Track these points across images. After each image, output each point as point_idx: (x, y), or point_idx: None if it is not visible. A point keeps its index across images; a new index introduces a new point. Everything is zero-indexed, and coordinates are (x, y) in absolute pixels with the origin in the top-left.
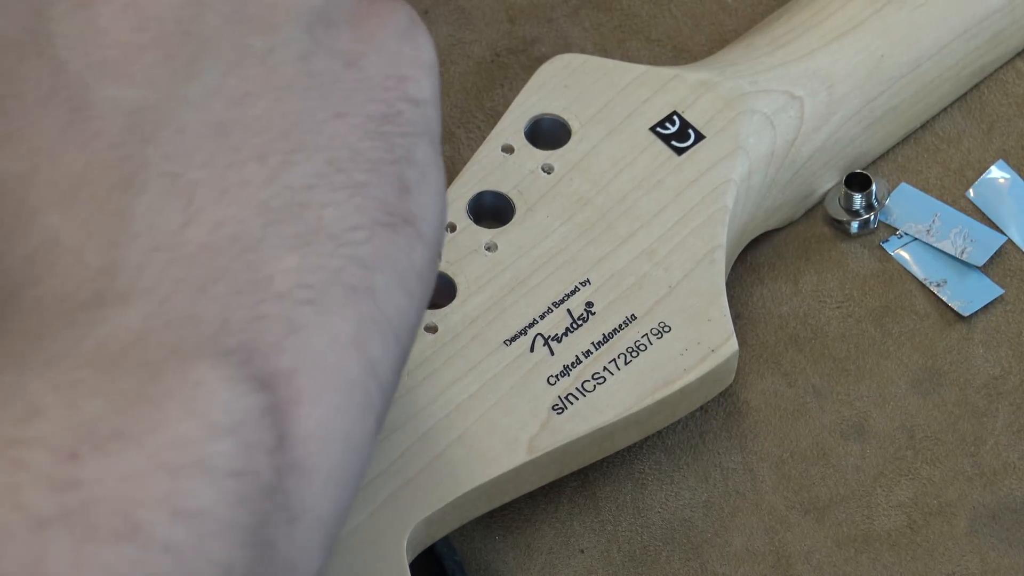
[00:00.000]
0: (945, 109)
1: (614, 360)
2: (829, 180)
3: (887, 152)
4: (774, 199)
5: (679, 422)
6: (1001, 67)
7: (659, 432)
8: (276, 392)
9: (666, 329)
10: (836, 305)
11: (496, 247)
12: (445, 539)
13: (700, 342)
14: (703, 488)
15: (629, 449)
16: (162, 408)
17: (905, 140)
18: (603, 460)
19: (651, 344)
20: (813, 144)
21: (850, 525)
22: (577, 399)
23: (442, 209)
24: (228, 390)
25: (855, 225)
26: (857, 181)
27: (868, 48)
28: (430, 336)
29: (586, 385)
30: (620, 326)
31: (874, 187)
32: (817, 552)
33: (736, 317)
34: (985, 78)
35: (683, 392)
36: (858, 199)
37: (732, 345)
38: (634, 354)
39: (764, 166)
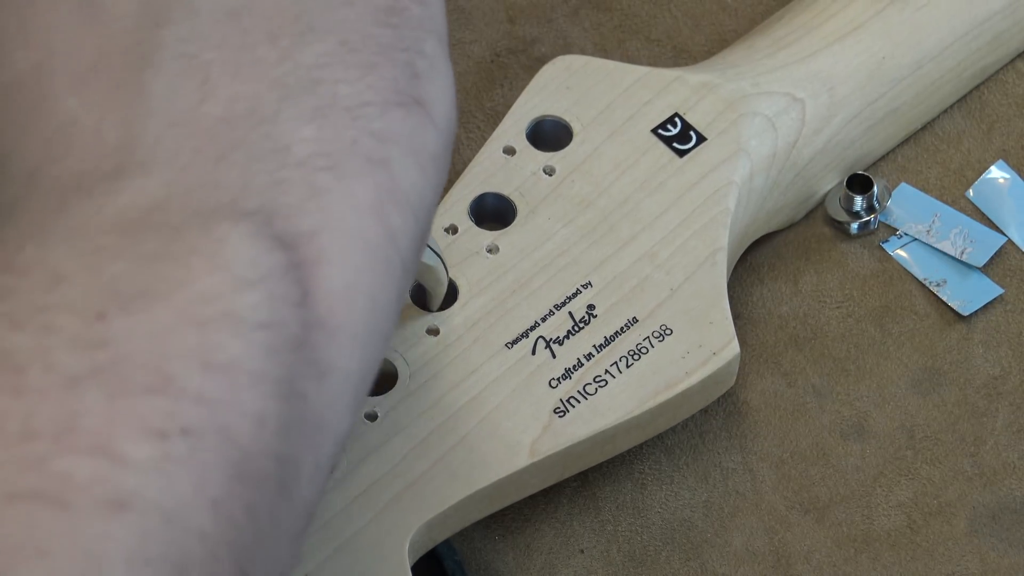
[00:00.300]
0: (945, 109)
1: (616, 363)
2: (830, 182)
3: (887, 152)
4: (775, 201)
5: (679, 422)
6: (1001, 67)
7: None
8: (298, 251)
9: (668, 332)
10: (836, 305)
11: (498, 249)
12: (445, 539)
13: (702, 345)
14: (703, 488)
15: (629, 449)
16: (187, 264)
17: (905, 140)
18: (603, 460)
19: (653, 347)
20: (814, 146)
21: (850, 525)
22: (579, 402)
23: (452, 104)
24: (251, 246)
25: (855, 226)
26: (858, 183)
27: (869, 50)
28: (432, 339)
29: (588, 388)
30: (622, 329)
31: (875, 189)
32: (817, 552)
33: (736, 317)
34: (986, 79)
35: (685, 395)
36: (859, 201)
37: (734, 348)
38: (636, 357)
39: (766, 168)
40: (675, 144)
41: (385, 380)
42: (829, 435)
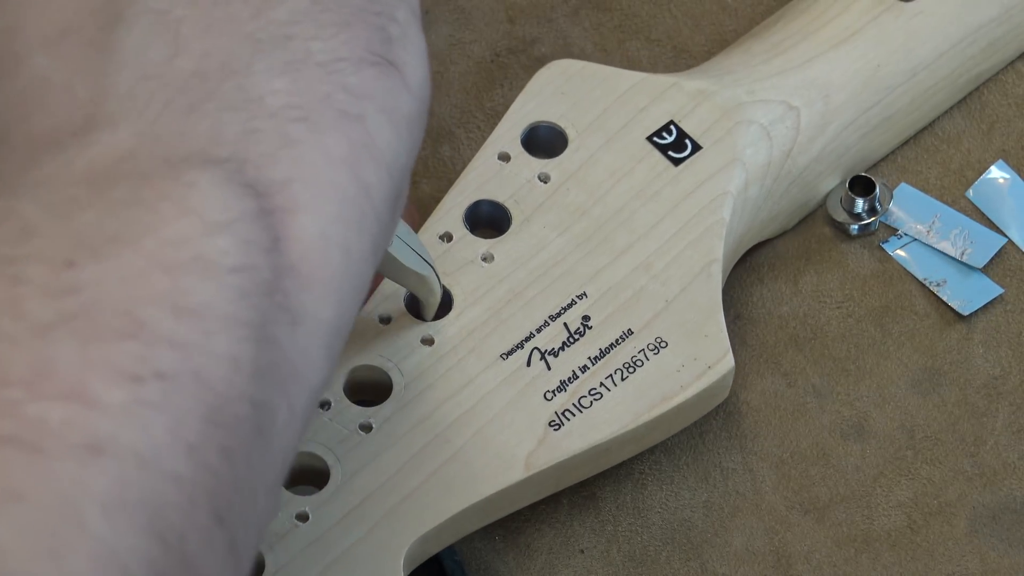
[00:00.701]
0: (942, 112)
1: (611, 376)
2: (825, 188)
3: (882, 158)
4: (770, 210)
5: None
6: (1001, 69)
7: None
8: (270, 199)
9: (663, 344)
10: (836, 305)
11: (492, 258)
12: None
13: (697, 358)
14: (703, 488)
15: None
16: (156, 210)
17: (905, 141)
18: None
19: (648, 359)
20: (809, 154)
21: (850, 525)
22: (574, 415)
23: (426, 72)
24: (222, 192)
25: (856, 227)
26: (860, 184)
27: (865, 57)
28: (427, 349)
29: (583, 401)
30: (617, 341)
31: (877, 191)
32: (817, 552)
33: (736, 317)
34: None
35: (680, 409)
36: (860, 203)
37: (728, 362)
38: (631, 370)
39: (761, 177)
40: (670, 152)
41: (380, 391)
42: (829, 435)
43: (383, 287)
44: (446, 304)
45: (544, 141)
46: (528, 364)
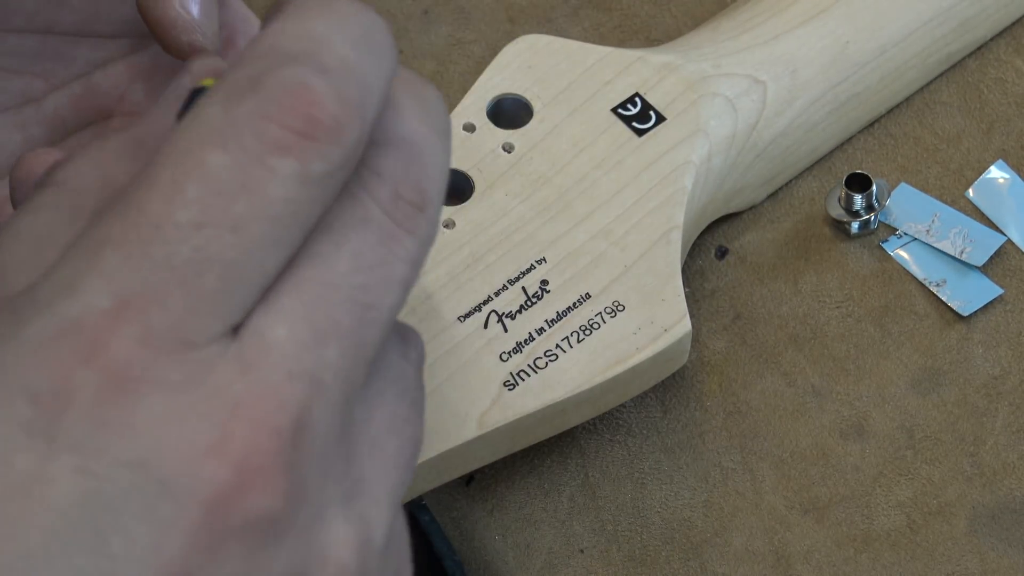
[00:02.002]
0: (945, 109)
1: (567, 338)
2: (792, 165)
3: (887, 152)
4: (735, 182)
5: (679, 422)
6: (1001, 67)
7: (659, 432)
8: None
9: (620, 308)
10: (836, 305)
11: (454, 224)
12: (445, 539)
13: (653, 321)
14: (703, 488)
15: (629, 449)
16: None
17: (905, 140)
18: (603, 460)
19: (604, 323)
20: (775, 128)
21: (850, 525)
22: (529, 376)
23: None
24: None
25: (855, 225)
26: (857, 182)
27: (833, 34)
28: None
29: (538, 362)
30: (574, 304)
31: (874, 188)
32: (817, 552)
33: (736, 317)
34: (983, 77)
35: (635, 371)
36: (858, 200)
37: (685, 325)
38: (587, 332)
39: (725, 149)
40: (634, 123)
41: None
42: (829, 435)
43: None
44: None
45: (510, 113)
46: (485, 326)
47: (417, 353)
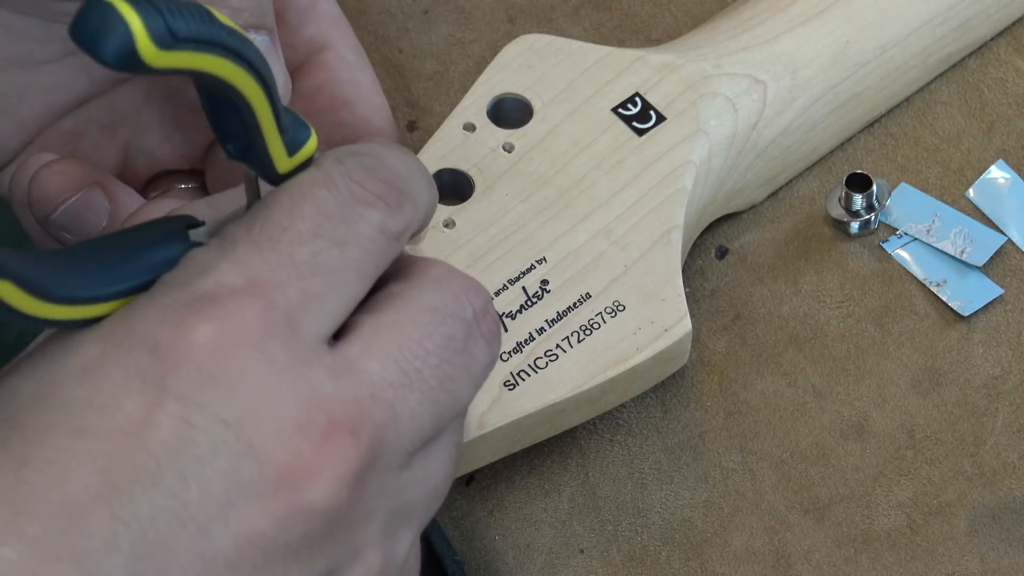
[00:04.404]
0: (945, 109)
1: (567, 338)
2: (793, 164)
3: (887, 152)
4: (735, 182)
5: (679, 422)
6: (1001, 66)
7: (659, 432)
8: None
9: (620, 308)
10: (836, 305)
11: (454, 224)
12: (445, 539)
13: (654, 321)
14: (703, 488)
15: (629, 449)
16: None
17: (905, 140)
18: (603, 460)
19: (605, 323)
20: (776, 128)
21: (850, 525)
22: (529, 376)
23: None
24: None
25: (855, 225)
26: (857, 182)
27: (834, 34)
28: None
29: (539, 362)
30: (574, 304)
31: (874, 188)
32: (817, 552)
33: (736, 317)
34: (983, 77)
35: (635, 371)
36: (858, 200)
37: (686, 325)
38: (587, 332)
39: (725, 149)
40: (634, 123)
41: None
42: (829, 435)
43: None
44: None
45: (510, 113)
46: None
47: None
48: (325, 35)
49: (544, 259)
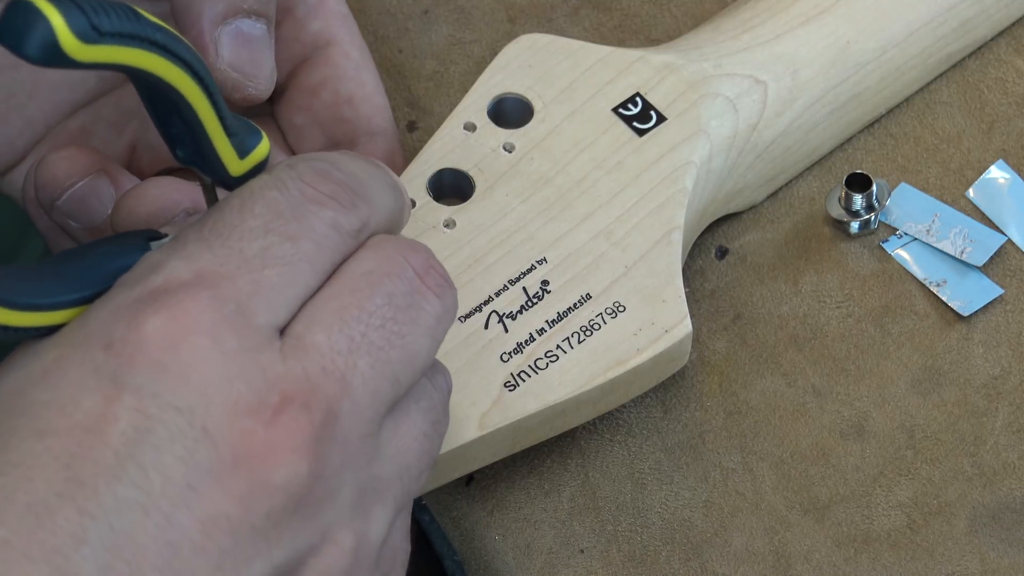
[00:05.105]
0: (945, 109)
1: (568, 339)
2: (793, 165)
3: (887, 152)
4: (735, 182)
5: (679, 422)
6: (1001, 66)
7: (659, 432)
8: None
9: (621, 309)
10: (836, 305)
11: (454, 224)
12: (445, 539)
13: (654, 322)
14: (703, 488)
15: (629, 449)
16: None
17: (905, 140)
18: (603, 460)
19: (605, 323)
20: (776, 128)
21: (850, 525)
22: (529, 376)
23: None
24: None
25: (855, 225)
26: (857, 182)
27: (834, 34)
28: None
29: (539, 363)
30: (575, 305)
31: (874, 188)
32: (817, 552)
33: (736, 317)
34: (983, 77)
35: (636, 372)
36: (858, 199)
37: (686, 326)
38: (588, 333)
39: (726, 149)
40: (635, 124)
41: None
42: (829, 435)
43: None
44: None
45: (511, 112)
46: (486, 327)
47: (445, 382)
48: (332, 31)
49: (544, 259)
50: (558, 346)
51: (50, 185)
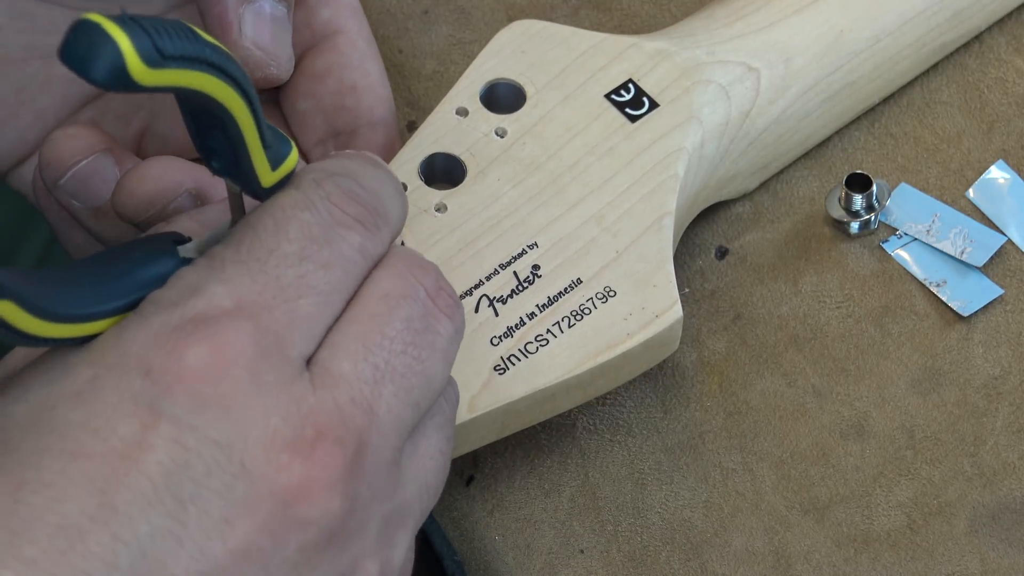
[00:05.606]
0: (945, 109)
1: (558, 323)
2: (785, 153)
3: (887, 152)
4: (727, 169)
5: (679, 422)
6: (1001, 66)
7: (659, 432)
8: None
9: (611, 293)
10: (836, 305)
11: (446, 208)
12: (445, 539)
13: (645, 307)
14: (703, 488)
15: (629, 449)
16: None
17: (905, 140)
18: (603, 461)
19: (595, 308)
20: (768, 116)
21: (850, 525)
22: (519, 360)
23: None
24: None
25: (855, 225)
26: (857, 182)
27: (828, 22)
28: None
29: (529, 347)
30: (565, 289)
31: (874, 188)
32: (817, 552)
33: (736, 317)
34: (983, 77)
35: (626, 356)
36: (858, 200)
37: (676, 311)
38: (578, 317)
39: (718, 136)
40: (627, 110)
41: None
42: (829, 435)
43: None
44: None
45: (503, 98)
46: (476, 310)
47: (455, 394)
48: (340, 21)
49: (536, 244)
50: (548, 330)
51: (54, 163)
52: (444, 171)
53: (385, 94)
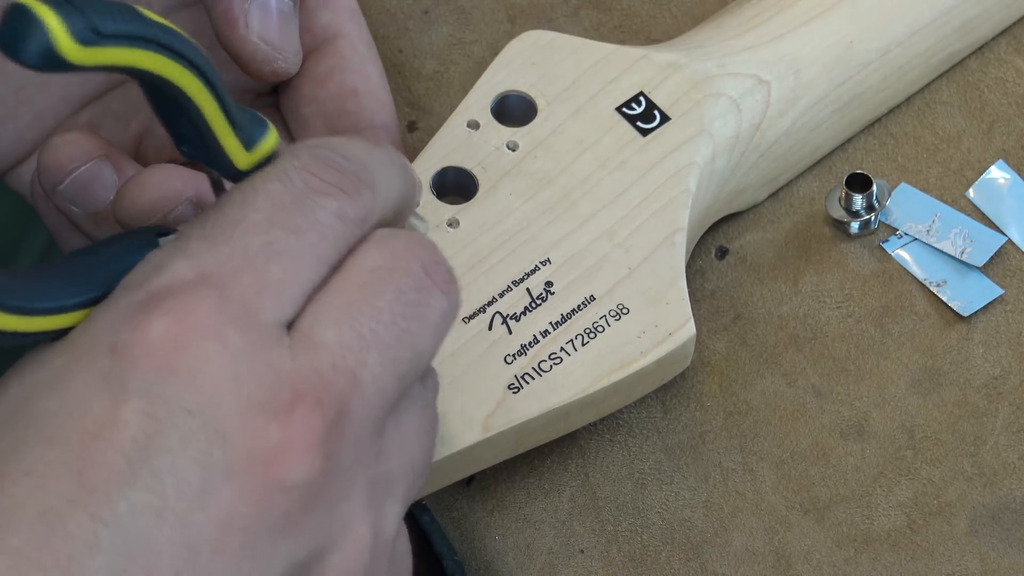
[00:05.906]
0: (945, 109)
1: (571, 341)
2: (795, 164)
3: (887, 152)
4: (738, 182)
5: (679, 422)
6: (1001, 66)
7: (659, 432)
8: None
9: (624, 311)
10: (836, 305)
11: (458, 223)
12: (445, 539)
13: (658, 325)
14: (703, 488)
15: (629, 449)
16: None
17: (905, 140)
18: (604, 461)
19: (609, 325)
20: (779, 128)
21: (850, 525)
22: (533, 379)
23: None
24: None
25: (855, 225)
26: (858, 182)
27: (837, 33)
28: None
29: (543, 365)
30: (578, 307)
31: (874, 188)
32: (817, 552)
33: (736, 317)
34: (984, 77)
35: (639, 374)
36: (858, 200)
37: (689, 329)
38: (591, 335)
39: (728, 149)
40: (639, 123)
41: None
42: (829, 435)
43: None
44: None
45: (514, 110)
46: (490, 328)
47: (433, 383)
48: (340, 24)
49: (548, 260)
50: (562, 348)
51: (53, 168)
52: (456, 185)
53: (386, 98)
